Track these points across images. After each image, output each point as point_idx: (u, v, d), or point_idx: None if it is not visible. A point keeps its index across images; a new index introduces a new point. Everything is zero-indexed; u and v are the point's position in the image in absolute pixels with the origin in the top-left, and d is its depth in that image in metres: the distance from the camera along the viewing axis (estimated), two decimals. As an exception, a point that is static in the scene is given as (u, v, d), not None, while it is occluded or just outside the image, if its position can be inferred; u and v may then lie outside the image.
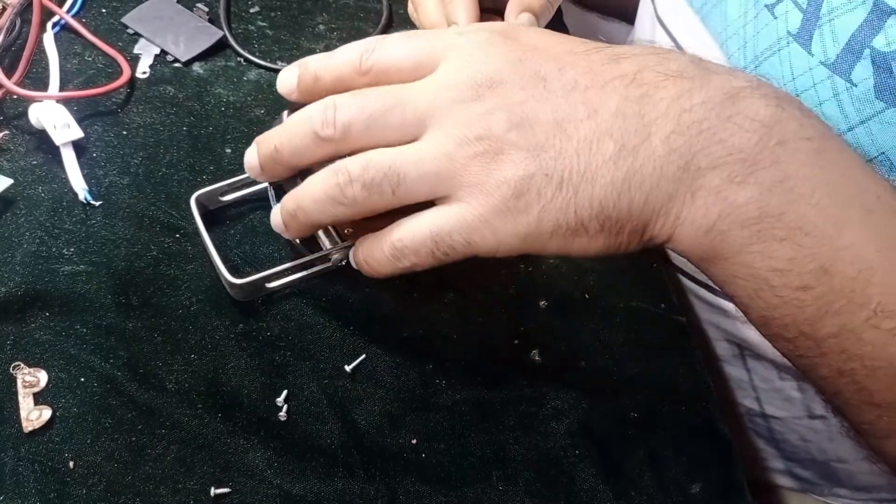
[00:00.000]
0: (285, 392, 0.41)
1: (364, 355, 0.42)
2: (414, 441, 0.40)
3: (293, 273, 0.43)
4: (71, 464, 0.37)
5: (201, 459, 0.38)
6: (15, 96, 0.49)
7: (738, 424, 0.62)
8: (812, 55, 0.41)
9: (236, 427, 0.39)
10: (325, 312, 0.44)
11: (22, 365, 0.39)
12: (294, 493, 0.38)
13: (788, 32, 0.43)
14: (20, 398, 0.38)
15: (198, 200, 0.44)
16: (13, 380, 0.39)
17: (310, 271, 0.44)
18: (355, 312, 0.44)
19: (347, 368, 0.42)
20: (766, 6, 0.45)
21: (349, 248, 0.42)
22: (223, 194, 0.46)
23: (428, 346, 0.44)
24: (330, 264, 0.43)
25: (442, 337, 0.44)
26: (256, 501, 0.38)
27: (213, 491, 0.37)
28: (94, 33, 0.53)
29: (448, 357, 0.43)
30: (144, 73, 0.53)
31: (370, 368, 0.42)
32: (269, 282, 0.43)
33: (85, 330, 0.41)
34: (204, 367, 0.41)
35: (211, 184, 0.46)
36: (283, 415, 0.40)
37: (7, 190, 0.45)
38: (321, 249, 0.42)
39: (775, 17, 0.44)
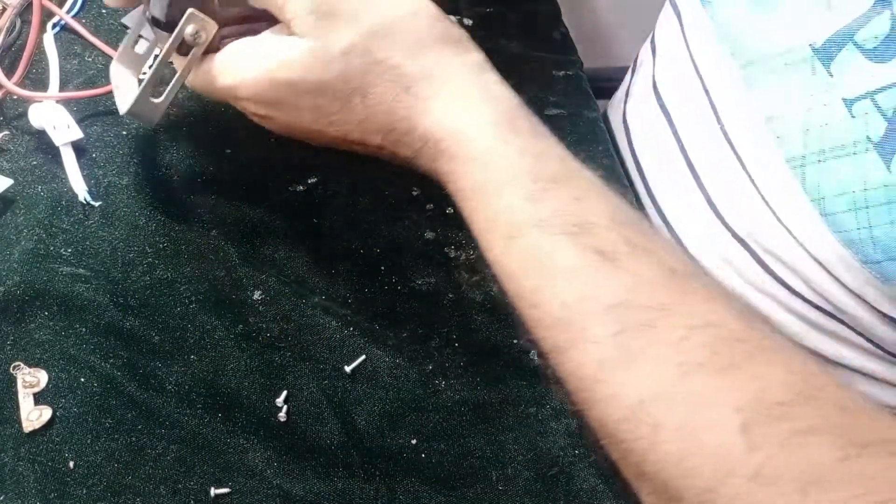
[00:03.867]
0: (285, 393, 0.41)
1: (364, 356, 0.42)
2: (413, 441, 0.40)
3: (167, 76, 0.42)
4: (71, 464, 0.37)
5: (201, 460, 0.38)
6: (15, 97, 0.49)
7: None
8: (891, 172, 0.38)
9: (236, 427, 0.39)
10: (324, 313, 0.44)
11: (22, 365, 0.39)
12: (294, 493, 0.38)
13: (868, 139, 0.39)
14: (20, 398, 0.38)
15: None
16: (13, 380, 0.39)
17: (185, 65, 0.41)
18: (355, 313, 0.44)
19: (347, 369, 0.42)
20: (843, 99, 0.40)
21: (192, 18, 0.40)
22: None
23: (428, 346, 0.44)
24: (194, 49, 0.41)
25: (442, 337, 0.44)
26: (256, 501, 0.38)
27: (212, 491, 0.37)
28: (94, 34, 0.53)
29: (448, 357, 0.43)
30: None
31: (370, 369, 0.42)
32: (155, 96, 0.42)
33: (84, 330, 0.41)
34: (203, 368, 0.41)
35: (210, 184, 0.45)
36: (282, 415, 0.40)
37: (7, 190, 0.45)
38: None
39: (853, 116, 0.40)
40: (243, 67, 0.40)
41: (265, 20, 0.41)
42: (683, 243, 0.52)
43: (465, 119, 0.38)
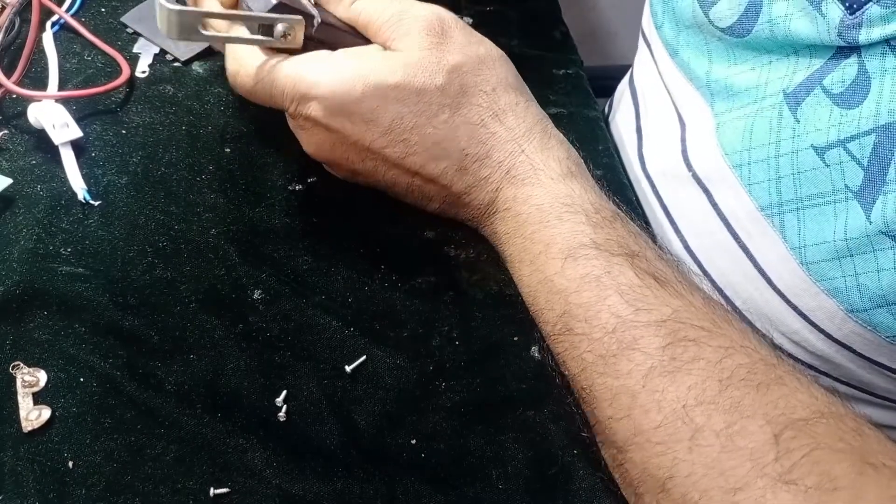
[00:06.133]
0: (285, 392, 0.41)
1: (365, 356, 0.42)
2: (413, 441, 0.40)
3: (232, 29, 0.42)
4: (70, 464, 0.37)
5: (200, 459, 0.38)
6: (14, 96, 0.49)
7: None
8: (871, 222, 0.37)
9: (235, 427, 0.39)
10: (325, 312, 0.44)
11: (21, 364, 0.39)
12: (293, 492, 0.38)
13: (847, 187, 0.38)
14: (19, 398, 0.38)
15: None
16: (12, 379, 0.39)
17: (250, 36, 0.41)
18: (355, 312, 0.44)
19: (348, 369, 0.42)
20: (812, 146, 0.39)
21: (296, 23, 0.41)
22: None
23: (428, 345, 0.44)
24: (268, 38, 0.41)
25: (442, 336, 0.44)
26: (255, 501, 0.38)
27: (212, 491, 0.37)
28: (94, 32, 0.53)
29: (448, 356, 0.43)
30: (144, 72, 0.52)
31: (370, 369, 0.42)
32: (206, 27, 0.41)
33: (84, 329, 0.41)
34: (203, 368, 0.41)
35: (210, 183, 0.45)
36: (282, 415, 0.40)
37: (6, 189, 0.45)
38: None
39: (827, 165, 0.39)
40: (327, 68, 0.41)
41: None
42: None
43: (543, 152, 0.42)
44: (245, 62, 0.42)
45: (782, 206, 0.42)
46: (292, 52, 0.42)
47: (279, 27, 0.41)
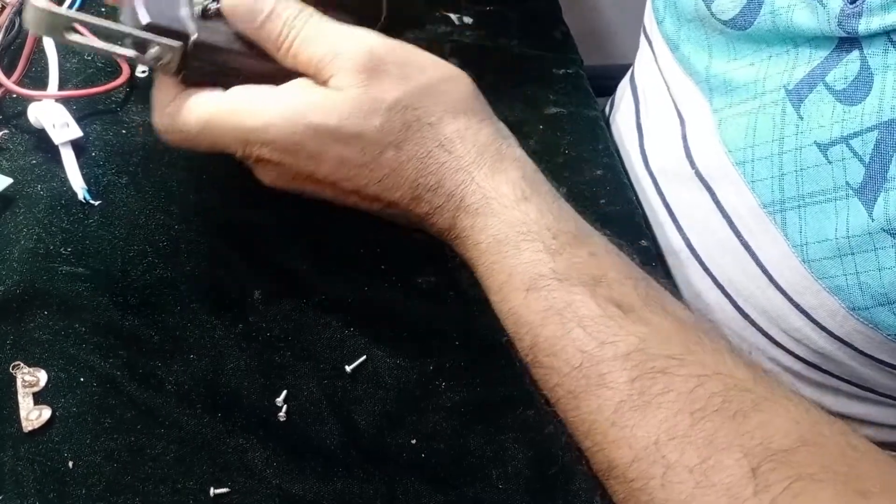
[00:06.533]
0: (285, 392, 0.41)
1: (365, 356, 0.42)
2: (413, 441, 0.40)
3: (102, 38, 0.39)
4: (70, 463, 0.37)
5: (200, 459, 0.38)
6: (14, 95, 0.49)
7: None
8: (873, 220, 0.37)
9: (235, 427, 0.39)
10: (325, 312, 0.44)
11: (21, 364, 0.39)
12: (293, 492, 0.38)
13: (848, 184, 0.38)
14: (20, 398, 0.38)
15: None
16: (13, 379, 0.39)
17: (118, 49, 0.38)
18: (355, 312, 0.44)
19: (348, 369, 0.42)
20: (815, 143, 0.40)
21: (171, 48, 0.38)
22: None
23: (428, 345, 0.44)
24: (143, 55, 0.38)
25: (442, 336, 0.44)
26: (255, 501, 0.38)
27: (212, 491, 0.37)
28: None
29: (448, 357, 0.43)
30: (144, 72, 0.52)
31: (370, 369, 0.42)
32: (69, 31, 0.38)
33: (84, 329, 0.41)
34: (203, 367, 0.41)
35: (211, 183, 0.45)
36: (282, 415, 0.40)
37: (6, 189, 0.45)
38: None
39: (829, 161, 0.39)
40: (267, 109, 0.39)
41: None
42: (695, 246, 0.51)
43: (494, 177, 0.40)
44: (174, 118, 0.40)
45: (784, 203, 0.42)
46: (226, 86, 0.40)
47: (152, 50, 0.38)
